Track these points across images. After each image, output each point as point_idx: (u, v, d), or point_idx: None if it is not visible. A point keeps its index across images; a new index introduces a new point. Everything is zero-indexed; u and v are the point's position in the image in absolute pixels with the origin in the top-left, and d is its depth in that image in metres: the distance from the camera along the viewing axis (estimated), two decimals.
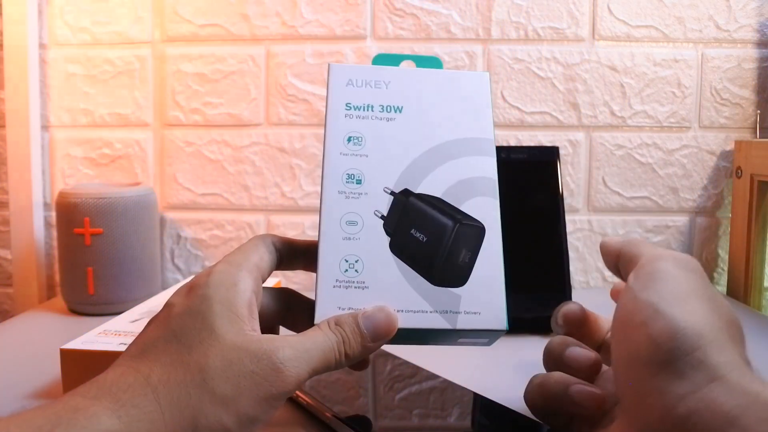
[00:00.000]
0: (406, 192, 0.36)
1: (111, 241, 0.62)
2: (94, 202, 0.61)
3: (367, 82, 0.38)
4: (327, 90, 0.38)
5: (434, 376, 0.42)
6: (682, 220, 0.75)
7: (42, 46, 0.74)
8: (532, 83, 0.73)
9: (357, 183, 0.36)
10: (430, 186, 0.36)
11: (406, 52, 0.72)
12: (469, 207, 0.35)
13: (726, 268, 0.74)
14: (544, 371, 0.35)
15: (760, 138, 0.73)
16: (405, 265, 0.34)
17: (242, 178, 0.75)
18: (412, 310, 0.33)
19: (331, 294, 0.33)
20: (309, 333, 0.31)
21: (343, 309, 0.33)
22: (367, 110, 0.37)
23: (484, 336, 0.35)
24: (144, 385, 0.26)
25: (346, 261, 0.34)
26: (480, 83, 0.38)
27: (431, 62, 0.40)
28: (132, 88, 0.75)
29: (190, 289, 0.31)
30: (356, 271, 0.34)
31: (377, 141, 0.37)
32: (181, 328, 0.29)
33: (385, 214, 0.35)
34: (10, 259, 0.75)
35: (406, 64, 0.39)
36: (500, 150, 0.58)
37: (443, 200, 0.36)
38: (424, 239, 0.35)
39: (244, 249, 0.34)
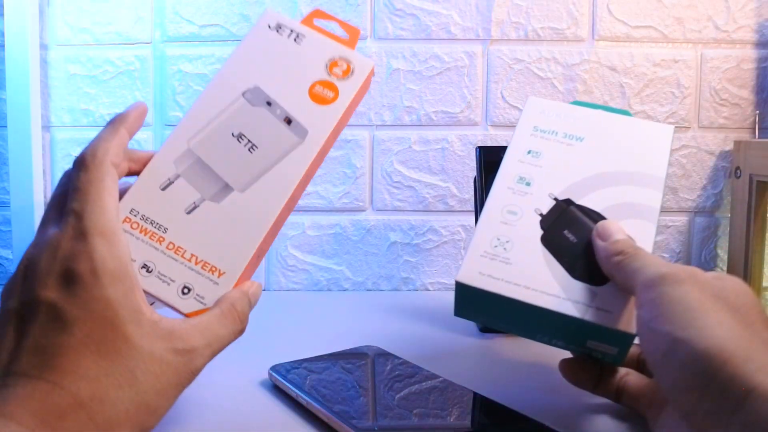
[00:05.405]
0: (568, 201, 0.38)
1: None
2: None
3: (558, 114, 0.42)
4: (520, 116, 0.42)
5: (434, 376, 0.42)
6: (681, 220, 0.75)
7: (43, 46, 0.74)
8: (532, 83, 0.73)
9: (526, 185, 0.39)
10: (592, 201, 0.38)
11: (406, 51, 0.73)
12: (626, 225, 0.37)
13: (725, 268, 0.75)
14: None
15: (759, 138, 0.73)
16: (550, 256, 0.37)
17: None
18: (546, 292, 0.35)
19: (477, 261, 0.37)
20: (212, 320, 0.32)
21: (484, 275, 0.36)
22: (552, 135, 0.41)
23: (613, 342, 0.35)
24: (75, 407, 0.26)
25: (498, 239, 0.37)
26: (663, 134, 0.41)
27: (621, 113, 0.43)
28: (132, 88, 0.75)
29: (74, 283, 0.28)
30: (504, 249, 0.37)
31: (554, 158, 0.40)
32: (90, 337, 0.28)
33: (545, 213, 0.38)
34: (11, 259, 0.75)
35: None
36: (500, 150, 0.57)
37: (602, 215, 0.38)
38: (575, 240, 0.37)
39: (99, 202, 0.31)
